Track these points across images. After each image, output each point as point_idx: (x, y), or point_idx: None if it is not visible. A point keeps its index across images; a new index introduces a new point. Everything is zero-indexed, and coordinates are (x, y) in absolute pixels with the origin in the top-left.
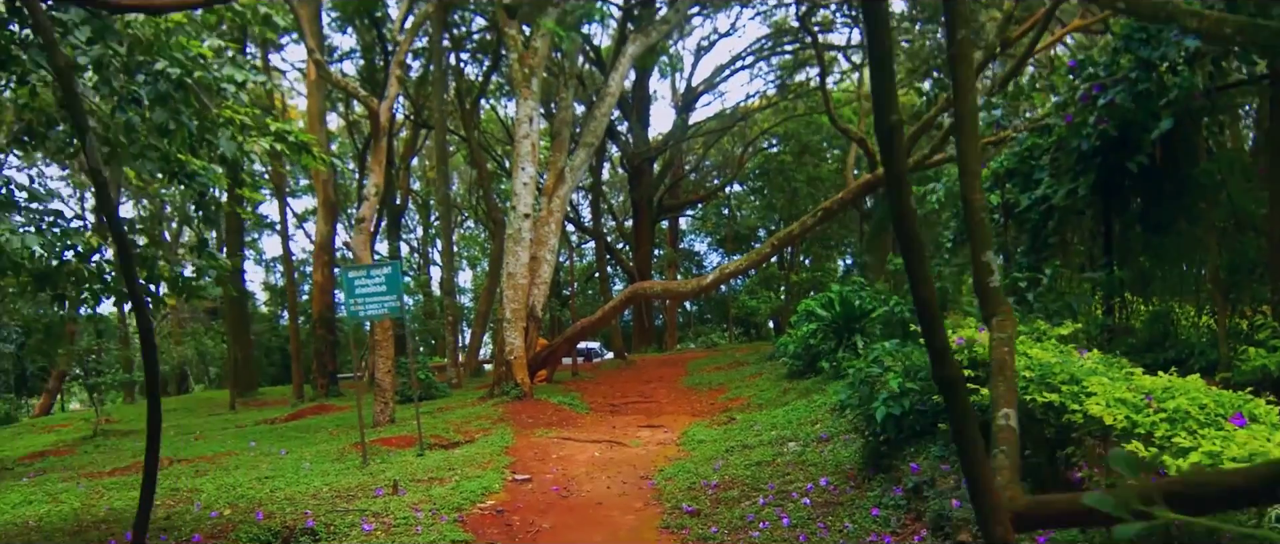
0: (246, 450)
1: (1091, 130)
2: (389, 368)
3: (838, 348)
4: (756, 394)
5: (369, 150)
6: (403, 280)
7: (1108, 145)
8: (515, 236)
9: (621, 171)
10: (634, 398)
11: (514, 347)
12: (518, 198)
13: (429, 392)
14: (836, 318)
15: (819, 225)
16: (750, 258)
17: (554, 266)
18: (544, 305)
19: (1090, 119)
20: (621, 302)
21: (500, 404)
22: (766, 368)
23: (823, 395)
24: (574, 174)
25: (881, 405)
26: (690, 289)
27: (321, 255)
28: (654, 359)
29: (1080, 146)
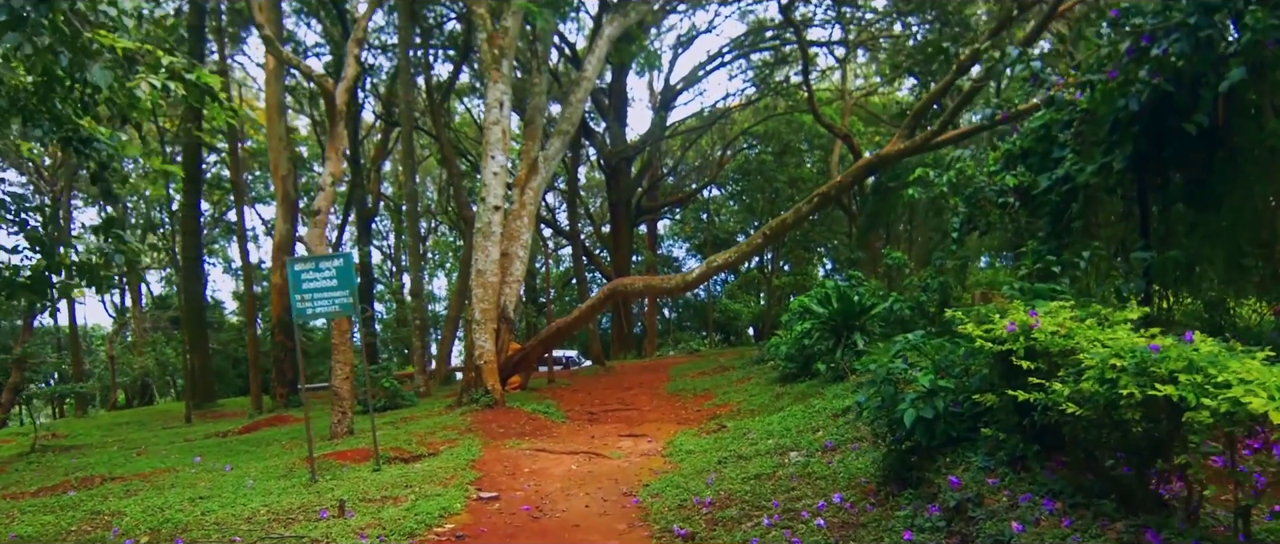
0: (189, 467)
1: (1142, 86)
2: (347, 375)
3: (836, 347)
4: (747, 400)
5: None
6: (355, 276)
7: (1154, 108)
8: (485, 231)
9: (599, 175)
10: (614, 405)
11: (484, 350)
12: (487, 189)
13: (394, 400)
14: (834, 315)
15: (814, 212)
16: (740, 250)
17: (527, 264)
18: (516, 306)
19: (1141, 72)
20: (600, 299)
21: (469, 413)
22: (755, 372)
23: (822, 399)
24: (548, 165)
25: (909, 407)
26: (674, 285)
27: (280, 256)
28: (634, 365)
29: (1126, 108)
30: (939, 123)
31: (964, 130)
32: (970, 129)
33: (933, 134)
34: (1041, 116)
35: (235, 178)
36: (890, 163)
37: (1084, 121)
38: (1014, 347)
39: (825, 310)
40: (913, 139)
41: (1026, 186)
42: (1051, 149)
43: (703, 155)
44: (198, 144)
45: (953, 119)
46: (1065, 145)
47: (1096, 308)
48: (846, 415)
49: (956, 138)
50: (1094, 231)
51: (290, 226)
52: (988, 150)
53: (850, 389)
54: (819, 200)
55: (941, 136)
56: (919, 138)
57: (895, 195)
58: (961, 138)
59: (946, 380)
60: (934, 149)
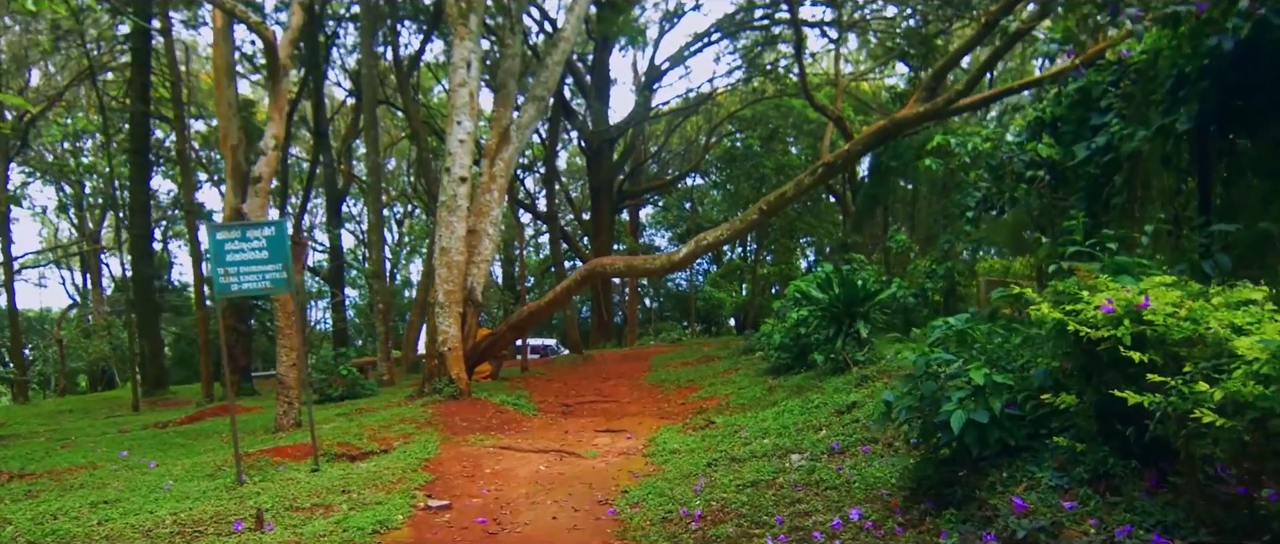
0: (112, 463)
1: (1240, 19)
2: (294, 361)
3: (836, 337)
4: (736, 393)
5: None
6: (289, 245)
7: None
8: (449, 205)
9: (579, 161)
10: (591, 397)
11: (448, 336)
12: (453, 158)
13: (353, 389)
14: (835, 302)
15: (818, 185)
16: (733, 227)
17: (497, 243)
18: (486, 287)
19: (1241, 3)
20: (577, 280)
21: (430, 404)
22: (742, 362)
23: (821, 394)
24: (521, 134)
25: (956, 408)
26: (659, 266)
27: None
28: (614, 354)
29: (1218, 47)
30: (966, 81)
31: (992, 92)
32: (1000, 90)
33: (956, 94)
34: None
35: (180, 148)
36: (907, 127)
37: (1138, 78)
38: (1116, 334)
39: (825, 296)
40: (932, 101)
41: (1058, 158)
42: (1089, 115)
43: (687, 141)
44: (145, 115)
45: (981, 77)
46: (1108, 109)
47: (1193, 286)
48: (853, 413)
49: (983, 101)
50: (1135, 209)
51: (239, 199)
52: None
53: (853, 382)
54: (823, 171)
55: (965, 99)
56: (940, 99)
57: (896, 175)
58: (988, 101)
59: (1004, 376)
60: (956, 114)
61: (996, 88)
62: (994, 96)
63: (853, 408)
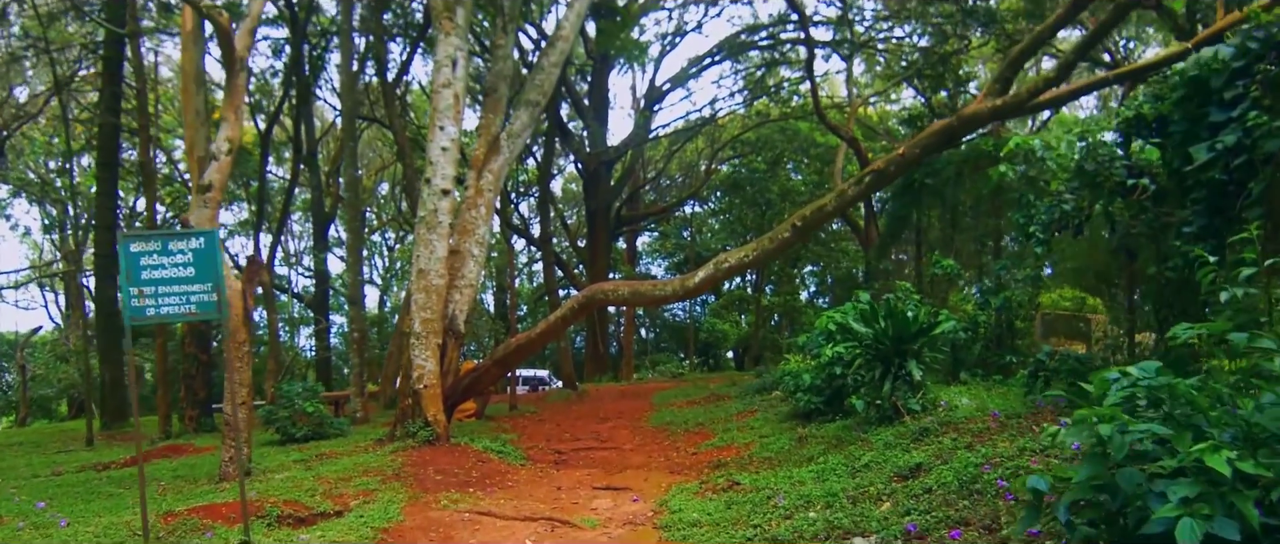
0: (25, 515)
1: None
2: (245, 399)
3: (884, 378)
4: (758, 443)
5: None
6: (220, 261)
7: None
8: (429, 221)
9: (575, 188)
10: (587, 442)
11: (424, 371)
12: (434, 168)
13: (320, 428)
14: (881, 337)
15: (864, 196)
16: (761, 246)
17: (483, 265)
18: (470, 315)
19: None
20: (572, 309)
21: (401, 451)
22: (758, 403)
23: (869, 449)
24: (513, 142)
25: (1180, 512)
26: (670, 292)
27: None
28: (610, 390)
29: None
30: (1058, 66)
31: (1083, 84)
32: (1094, 81)
33: (1042, 84)
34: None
35: (144, 160)
36: (976, 126)
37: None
38: None
39: (869, 330)
40: (1009, 95)
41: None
42: (1205, 109)
43: (687, 167)
44: (115, 128)
45: (1077, 62)
46: (1235, 100)
47: None
48: (921, 479)
49: (1072, 94)
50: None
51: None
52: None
53: (909, 435)
54: (871, 180)
55: (1053, 92)
56: (1022, 90)
57: (930, 193)
58: (1074, 96)
59: (1255, 462)
60: (1032, 111)
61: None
62: (1086, 89)
63: (919, 472)
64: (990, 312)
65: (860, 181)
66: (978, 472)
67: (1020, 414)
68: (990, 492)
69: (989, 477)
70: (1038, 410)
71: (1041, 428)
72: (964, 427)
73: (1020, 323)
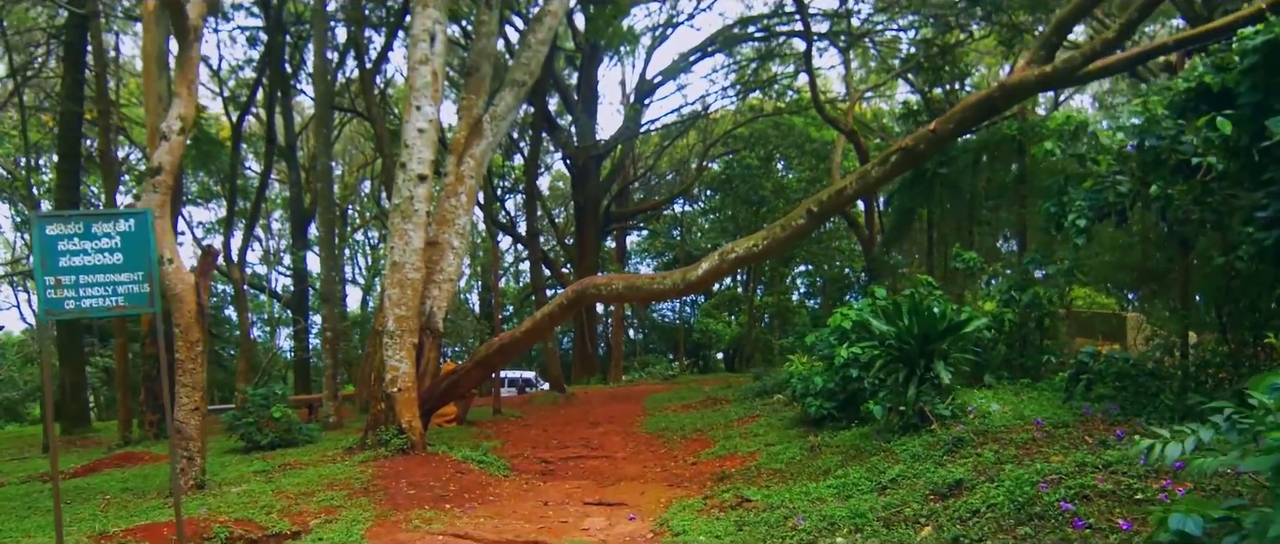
0: None
1: None
2: (197, 405)
3: (908, 381)
4: (765, 452)
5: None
6: (154, 245)
7: None
8: (404, 209)
9: (562, 185)
10: (577, 450)
11: (398, 373)
12: (409, 152)
13: (287, 435)
14: (904, 335)
15: (893, 175)
16: (773, 235)
17: (464, 257)
18: (449, 311)
19: None
20: (561, 306)
21: (372, 461)
22: (760, 408)
23: (894, 462)
24: (496, 126)
25: None
26: (670, 286)
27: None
28: (600, 392)
29: None
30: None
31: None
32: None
33: (1096, 49)
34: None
35: (103, 148)
36: (1019, 97)
37: None
38: None
39: (891, 328)
40: (1059, 61)
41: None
42: None
43: (677, 164)
44: (77, 117)
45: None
46: None
47: None
48: (964, 499)
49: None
50: None
51: (171, 209)
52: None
53: (942, 446)
54: (899, 158)
55: (1109, 59)
56: (1075, 56)
57: (944, 184)
58: (1129, 64)
59: None
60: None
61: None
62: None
63: (960, 490)
64: (1017, 309)
65: (885, 161)
66: (1035, 491)
67: (1067, 423)
68: (1053, 516)
69: (1049, 498)
70: (1086, 419)
71: (1097, 437)
72: (1003, 436)
73: (1051, 321)
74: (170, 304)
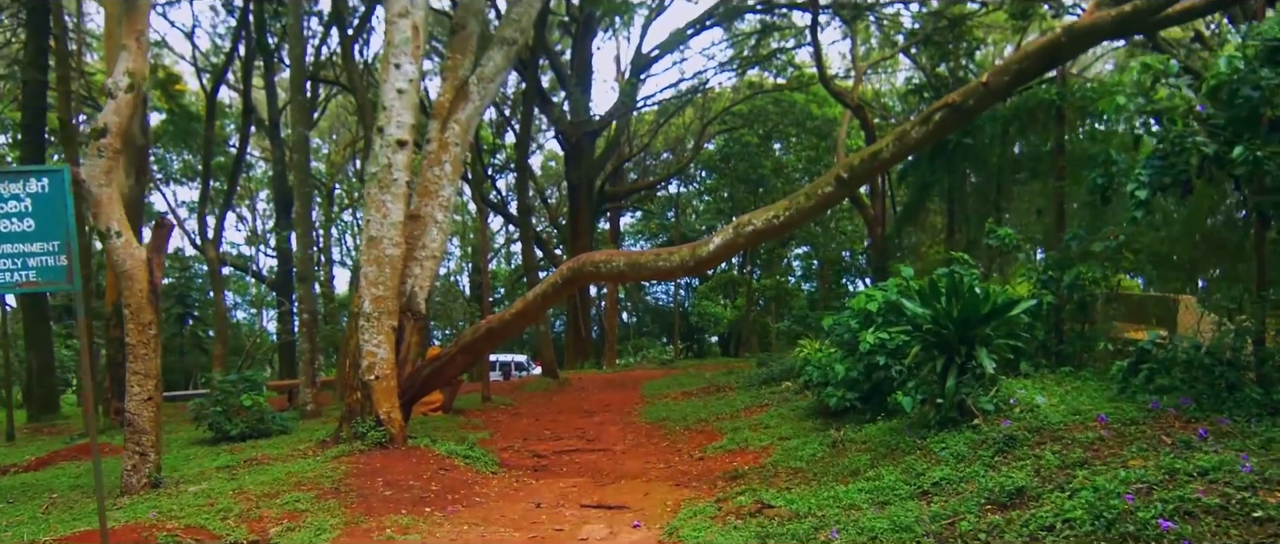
0: None
1: None
2: (150, 394)
3: (947, 370)
4: (781, 447)
5: None
6: (70, 209)
7: None
8: (382, 179)
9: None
10: (571, 441)
11: (376, 360)
12: (388, 115)
13: (259, 424)
14: (942, 319)
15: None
16: (796, 205)
17: (447, 233)
18: (430, 295)
19: None
20: (557, 284)
21: (346, 457)
22: (768, 397)
23: (934, 463)
24: (485, 88)
25: None
26: (677, 263)
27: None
28: (594, 378)
29: None
30: None
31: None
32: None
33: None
34: None
35: (62, 117)
36: (1087, 45)
37: None
38: None
39: (926, 311)
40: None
41: None
42: None
43: (673, 144)
44: (41, 85)
45: None
46: None
47: None
48: (1032, 511)
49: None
50: None
51: (138, 182)
52: None
53: (991, 445)
54: (944, 117)
55: (1184, 4)
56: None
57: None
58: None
59: None
60: (1159, 27)
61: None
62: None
63: (1023, 499)
64: (1056, 290)
65: (927, 120)
66: (1121, 505)
67: (1134, 419)
68: (1150, 537)
69: (1144, 514)
70: (1156, 415)
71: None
72: (1063, 434)
73: (1096, 304)
74: (120, 283)
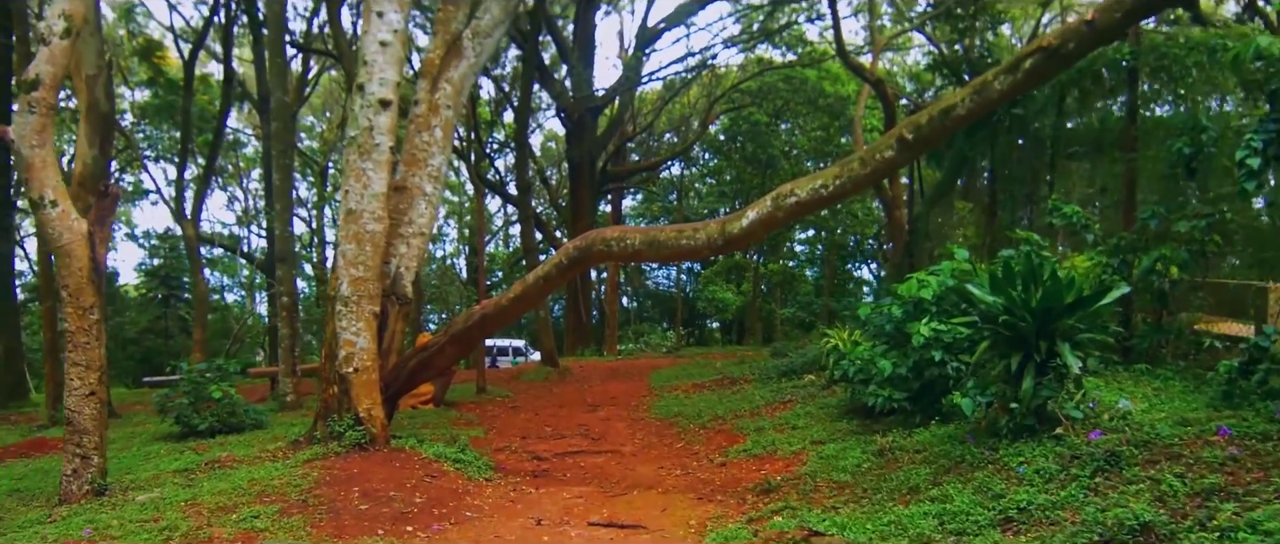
0: None
1: None
2: (93, 387)
3: (1024, 369)
4: (815, 453)
5: None
6: None
7: None
8: (363, 144)
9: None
10: (575, 440)
11: (354, 350)
12: (370, 71)
13: (230, 418)
14: (1017, 309)
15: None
16: (849, 171)
17: (438, 207)
18: (419, 271)
19: None
20: (561, 265)
21: (320, 460)
22: (790, 391)
23: (1009, 480)
24: (480, 45)
25: None
26: (702, 241)
27: (82, 195)
28: (596, 366)
29: None
30: None
31: None
32: None
33: None
34: None
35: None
36: None
37: None
38: None
39: (999, 299)
40: None
41: None
42: None
43: (678, 124)
44: (4, 50)
45: None
46: None
47: None
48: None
49: None
50: None
51: (102, 152)
52: None
53: (1085, 462)
54: (1036, 62)
55: None
56: None
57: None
58: None
59: None
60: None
61: None
62: None
63: (1153, 537)
64: (1130, 276)
65: (1015, 68)
66: None
67: (1266, 434)
68: None
69: None
70: None
71: None
72: (1178, 451)
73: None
74: (57, 261)
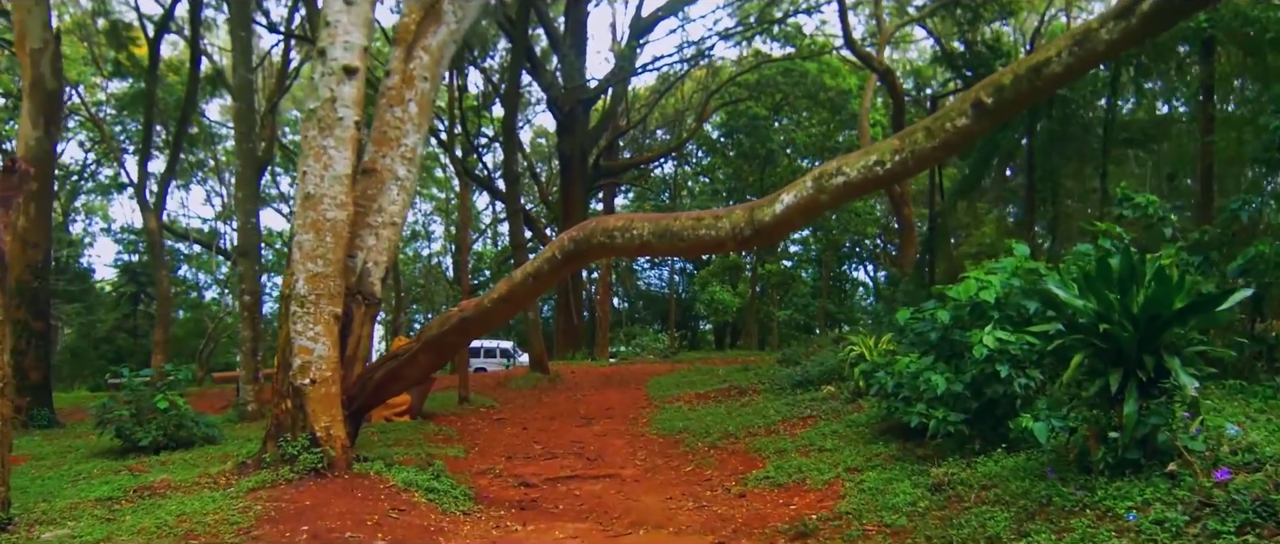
0: None
1: None
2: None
3: (1124, 389)
4: (852, 483)
5: None
6: None
7: None
8: (325, 118)
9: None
10: (568, 462)
11: (311, 357)
12: (332, 33)
13: (177, 432)
14: (1113, 315)
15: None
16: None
17: (412, 194)
18: (390, 266)
19: None
20: (555, 260)
21: (268, 488)
22: (808, 405)
23: (1118, 530)
24: (461, 9)
25: None
26: (725, 232)
27: (26, 179)
28: (589, 372)
29: None
30: None
31: None
32: None
33: None
34: None
35: None
36: None
37: None
38: None
39: (1089, 303)
40: None
41: None
42: None
43: (672, 119)
44: None
45: None
46: None
47: None
48: None
49: None
50: None
51: (47, 133)
52: None
53: (1219, 513)
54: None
55: None
56: None
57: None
58: None
59: None
60: None
61: None
62: None
63: None
64: (1220, 276)
65: (1129, 11)
66: None
67: None
68: None
69: None
70: None
71: None
72: None
73: None
74: None
